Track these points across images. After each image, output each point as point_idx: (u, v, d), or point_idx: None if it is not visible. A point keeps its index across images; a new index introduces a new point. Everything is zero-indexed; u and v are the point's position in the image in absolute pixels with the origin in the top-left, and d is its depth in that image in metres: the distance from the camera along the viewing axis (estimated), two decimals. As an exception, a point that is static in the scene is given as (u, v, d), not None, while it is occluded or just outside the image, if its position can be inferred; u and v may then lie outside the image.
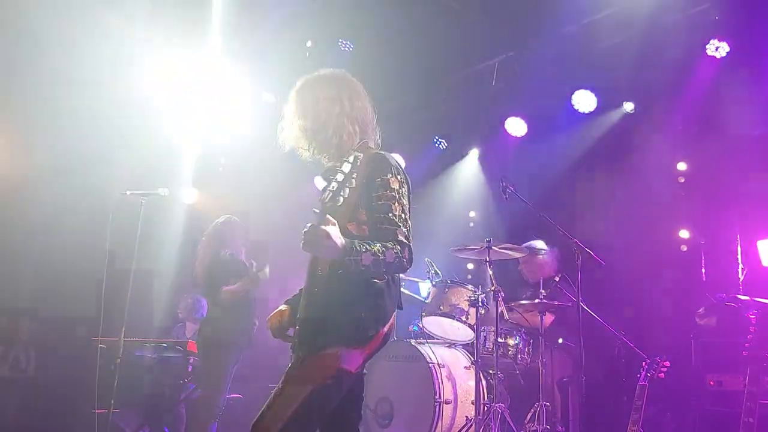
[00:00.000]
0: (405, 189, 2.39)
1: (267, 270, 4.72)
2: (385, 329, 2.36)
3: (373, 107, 2.62)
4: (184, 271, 6.12)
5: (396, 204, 2.31)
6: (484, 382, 4.77)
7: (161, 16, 5.99)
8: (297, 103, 2.53)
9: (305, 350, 2.27)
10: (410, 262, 2.31)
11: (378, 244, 2.21)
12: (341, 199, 2.16)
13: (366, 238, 2.25)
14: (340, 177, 2.16)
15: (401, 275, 2.54)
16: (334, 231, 2.10)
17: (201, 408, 4.60)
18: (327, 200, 2.20)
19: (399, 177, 2.37)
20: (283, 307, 2.57)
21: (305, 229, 2.09)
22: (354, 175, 2.16)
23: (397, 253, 2.23)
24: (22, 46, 5.82)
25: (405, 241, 2.28)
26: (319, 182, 2.73)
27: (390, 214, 2.29)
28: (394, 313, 2.42)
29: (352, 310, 2.28)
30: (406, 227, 2.31)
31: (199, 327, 4.89)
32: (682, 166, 6.08)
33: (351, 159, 2.17)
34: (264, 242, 4.90)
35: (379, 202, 2.30)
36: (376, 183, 2.32)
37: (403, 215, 2.32)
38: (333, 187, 2.17)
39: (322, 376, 2.20)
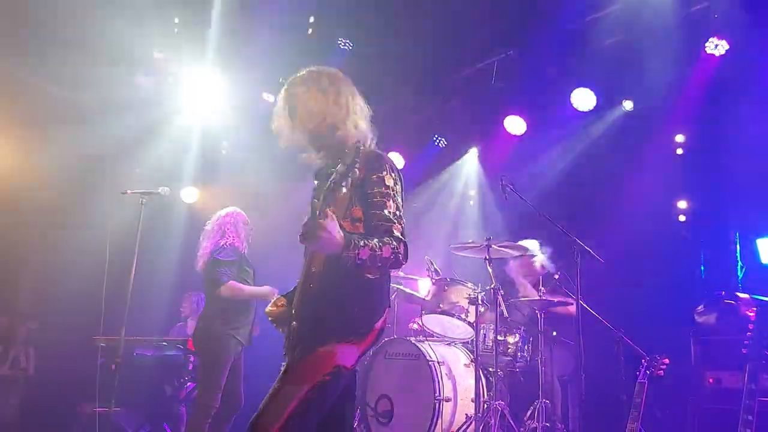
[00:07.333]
0: (399, 187, 2.43)
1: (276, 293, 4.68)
2: (379, 324, 2.37)
3: (370, 107, 2.62)
4: (184, 270, 6.12)
5: (391, 201, 2.35)
6: (483, 379, 4.78)
7: (161, 16, 6.00)
8: (302, 97, 2.49)
9: (301, 349, 2.28)
10: (405, 257, 2.34)
11: (375, 239, 2.25)
12: (338, 195, 2.17)
13: (361, 235, 2.27)
14: (337, 175, 2.16)
15: (401, 272, 2.57)
16: (332, 225, 2.13)
17: (195, 405, 4.55)
18: (324, 198, 2.20)
19: (393, 175, 2.41)
20: (279, 297, 2.57)
21: (304, 222, 2.12)
22: (350, 173, 2.17)
23: (393, 248, 2.28)
24: (24, 47, 5.82)
25: (400, 237, 2.33)
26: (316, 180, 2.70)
27: (386, 211, 2.33)
28: (387, 309, 2.45)
29: (347, 307, 2.30)
30: (401, 224, 2.35)
31: (197, 321, 4.85)
32: (681, 163, 6.09)
33: (349, 157, 2.18)
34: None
35: (375, 199, 2.34)
36: (372, 180, 2.35)
37: (397, 212, 2.36)
38: (330, 186, 2.16)
39: (320, 374, 2.21)
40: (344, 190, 2.17)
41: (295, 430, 2.15)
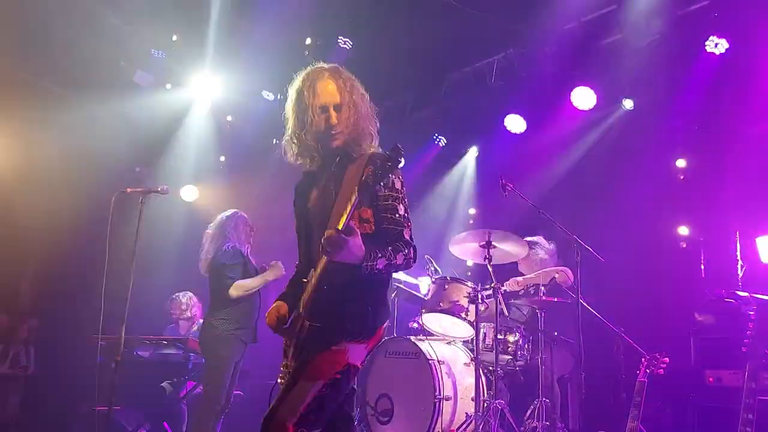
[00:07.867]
0: (405, 189, 2.46)
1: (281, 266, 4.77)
2: (386, 324, 2.44)
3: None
4: (184, 268, 6.11)
5: (401, 204, 2.40)
6: (483, 378, 4.78)
7: (161, 14, 6.00)
8: (346, 93, 2.44)
9: (315, 347, 2.30)
10: (415, 260, 2.41)
11: (390, 248, 2.31)
12: (353, 198, 2.15)
13: (370, 236, 2.30)
14: (349, 177, 2.16)
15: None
16: (355, 241, 2.15)
17: (200, 403, 4.60)
18: (334, 200, 2.21)
19: (401, 177, 2.44)
20: (279, 303, 2.57)
21: (326, 237, 2.13)
22: (362, 175, 2.16)
23: (405, 255, 2.35)
24: (23, 46, 5.83)
25: (411, 240, 2.39)
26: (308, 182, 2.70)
27: (397, 214, 2.38)
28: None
29: (359, 306, 2.35)
30: (409, 227, 2.42)
31: (202, 322, 4.89)
32: (681, 162, 6.09)
33: (365, 159, 2.18)
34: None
35: (386, 202, 2.38)
36: (382, 183, 2.33)
37: (406, 214, 2.42)
38: (362, 188, 2.14)
39: (332, 371, 2.26)
40: (356, 192, 2.16)
41: (310, 424, 2.21)
